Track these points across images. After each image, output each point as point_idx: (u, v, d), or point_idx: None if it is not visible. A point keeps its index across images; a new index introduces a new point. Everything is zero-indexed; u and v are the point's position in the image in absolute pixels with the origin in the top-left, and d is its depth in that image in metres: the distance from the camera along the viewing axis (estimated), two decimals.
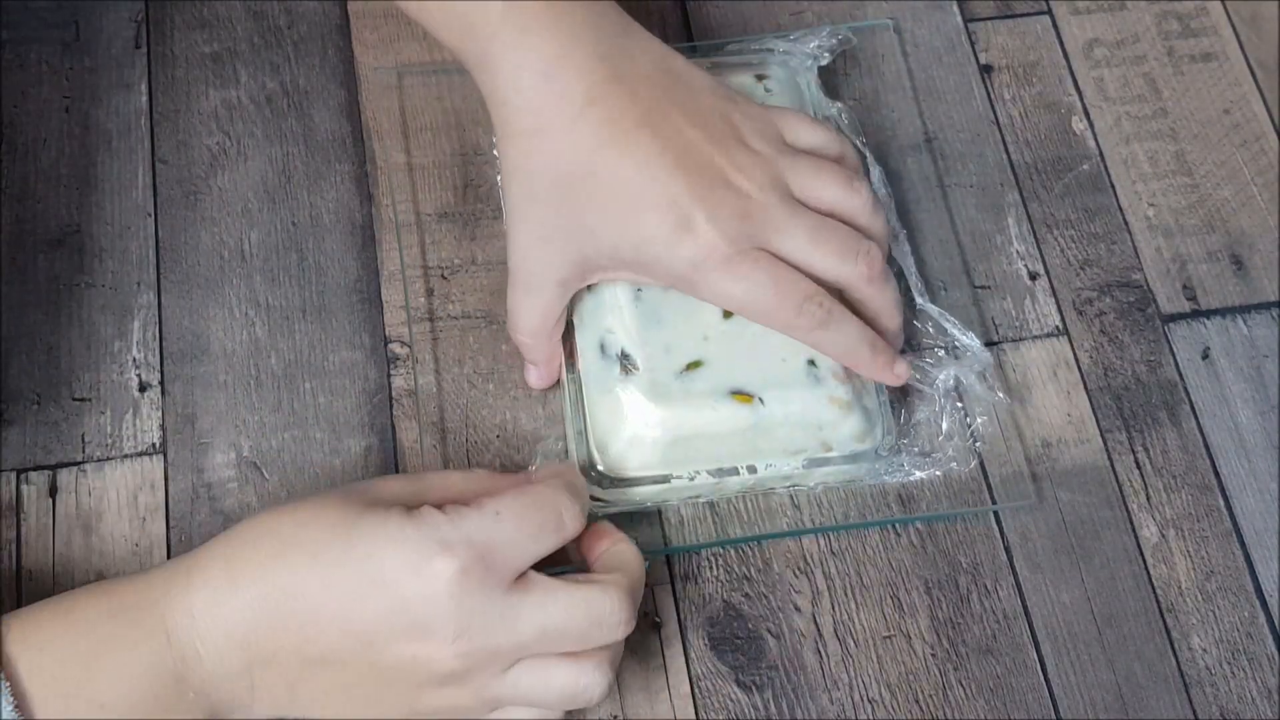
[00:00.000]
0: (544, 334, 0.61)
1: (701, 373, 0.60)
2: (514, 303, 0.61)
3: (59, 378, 0.63)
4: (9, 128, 0.68)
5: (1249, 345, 0.67)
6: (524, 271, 0.60)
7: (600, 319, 0.61)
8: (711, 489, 0.61)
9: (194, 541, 0.60)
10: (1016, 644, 0.60)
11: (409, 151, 0.69)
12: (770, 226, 0.58)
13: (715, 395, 0.59)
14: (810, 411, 0.60)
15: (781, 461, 0.60)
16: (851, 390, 0.60)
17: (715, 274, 0.58)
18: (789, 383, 0.60)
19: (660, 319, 0.60)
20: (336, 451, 0.62)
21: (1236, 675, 0.60)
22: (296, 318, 0.65)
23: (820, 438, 0.60)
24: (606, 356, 0.61)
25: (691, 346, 0.60)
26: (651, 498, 0.60)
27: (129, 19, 0.71)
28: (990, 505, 0.63)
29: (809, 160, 0.61)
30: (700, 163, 0.58)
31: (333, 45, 0.72)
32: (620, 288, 0.61)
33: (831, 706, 0.59)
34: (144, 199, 0.67)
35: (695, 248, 0.57)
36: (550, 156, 0.57)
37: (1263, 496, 0.64)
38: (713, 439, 0.59)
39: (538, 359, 0.63)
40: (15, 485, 0.61)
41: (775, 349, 0.60)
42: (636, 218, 0.57)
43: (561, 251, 0.59)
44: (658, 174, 0.57)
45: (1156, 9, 0.76)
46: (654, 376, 0.59)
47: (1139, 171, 0.71)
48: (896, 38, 0.74)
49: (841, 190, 0.61)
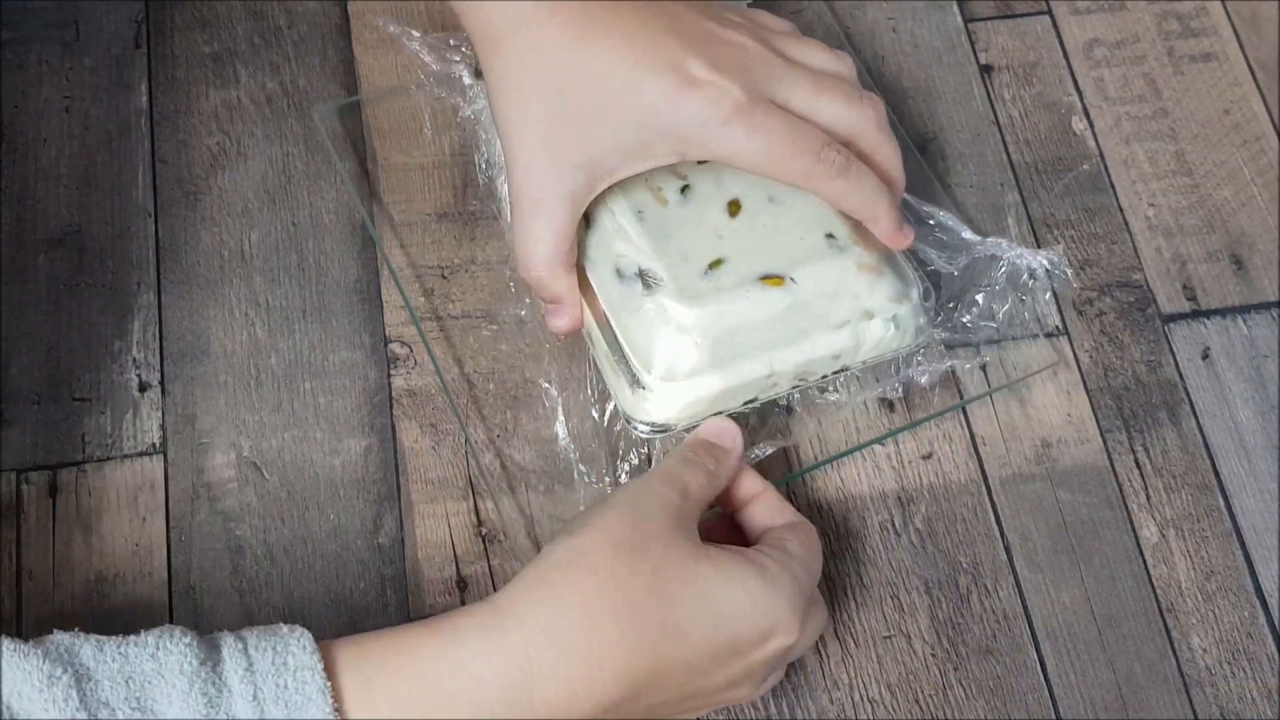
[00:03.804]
0: (559, 262, 0.59)
1: (725, 269, 0.59)
2: (522, 231, 0.58)
3: (59, 378, 0.63)
4: (9, 128, 0.68)
5: (1249, 345, 0.67)
6: (529, 191, 0.57)
7: (608, 248, 0.60)
8: (765, 384, 0.59)
9: (194, 541, 0.60)
10: (1016, 644, 0.60)
11: (409, 151, 0.69)
12: (772, 76, 0.57)
13: (746, 284, 0.59)
14: (842, 281, 0.59)
15: (826, 336, 0.59)
16: (877, 255, 0.60)
17: (730, 128, 0.56)
18: (814, 257, 0.59)
19: (668, 232, 0.60)
20: (336, 451, 0.62)
21: (1236, 675, 0.60)
22: (296, 318, 0.65)
23: (859, 306, 0.59)
24: (625, 279, 0.59)
25: (708, 247, 0.59)
26: (712, 405, 0.59)
27: (129, 19, 0.71)
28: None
29: (789, 34, 0.61)
30: (688, 26, 0.57)
31: (333, 45, 0.72)
32: (621, 215, 0.60)
33: (831, 706, 0.59)
34: (144, 199, 0.67)
35: (703, 102, 0.55)
36: (535, 55, 0.56)
37: (1263, 496, 0.64)
38: (755, 327, 0.58)
39: (558, 293, 0.59)
40: (15, 485, 0.61)
41: (791, 230, 0.60)
42: (636, 92, 0.55)
43: (566, 158, 0.57)
44: (647, 43, 0.55)
45: (1156, 9, 0.76)
46: (680, 282, 0.58)
47: (1139, 171, 0.71)
48: (896, 38, 0.74)
49: (826, 55, 0.60)
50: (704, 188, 0.61)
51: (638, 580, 0.50)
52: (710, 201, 0.61)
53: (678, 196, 0.61)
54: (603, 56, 0.55)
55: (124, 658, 0.46)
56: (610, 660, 0.49)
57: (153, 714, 0.45)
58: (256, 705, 0.45)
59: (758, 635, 0.51)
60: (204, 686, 0.45)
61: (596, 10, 0.56)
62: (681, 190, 0.61)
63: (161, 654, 0.46)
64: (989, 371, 0.65)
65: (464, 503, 0.62)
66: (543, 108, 0.56)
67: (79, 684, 0.44)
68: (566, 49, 0.55)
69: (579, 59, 0.55)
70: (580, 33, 0.55)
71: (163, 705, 0.45)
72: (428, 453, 0.63)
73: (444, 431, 0.63)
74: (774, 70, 0.57)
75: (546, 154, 0.57)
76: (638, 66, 0.55)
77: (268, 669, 0.46)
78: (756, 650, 0.51)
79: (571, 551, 0.50)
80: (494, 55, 0.57)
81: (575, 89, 0.56)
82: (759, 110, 0.56)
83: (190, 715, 0.45)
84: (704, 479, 0.55)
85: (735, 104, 0.55)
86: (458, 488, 0.62)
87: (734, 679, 0.52)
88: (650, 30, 0.56)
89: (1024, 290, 0.65)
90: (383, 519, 0.61)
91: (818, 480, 0.63)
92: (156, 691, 0.45)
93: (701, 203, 0.61)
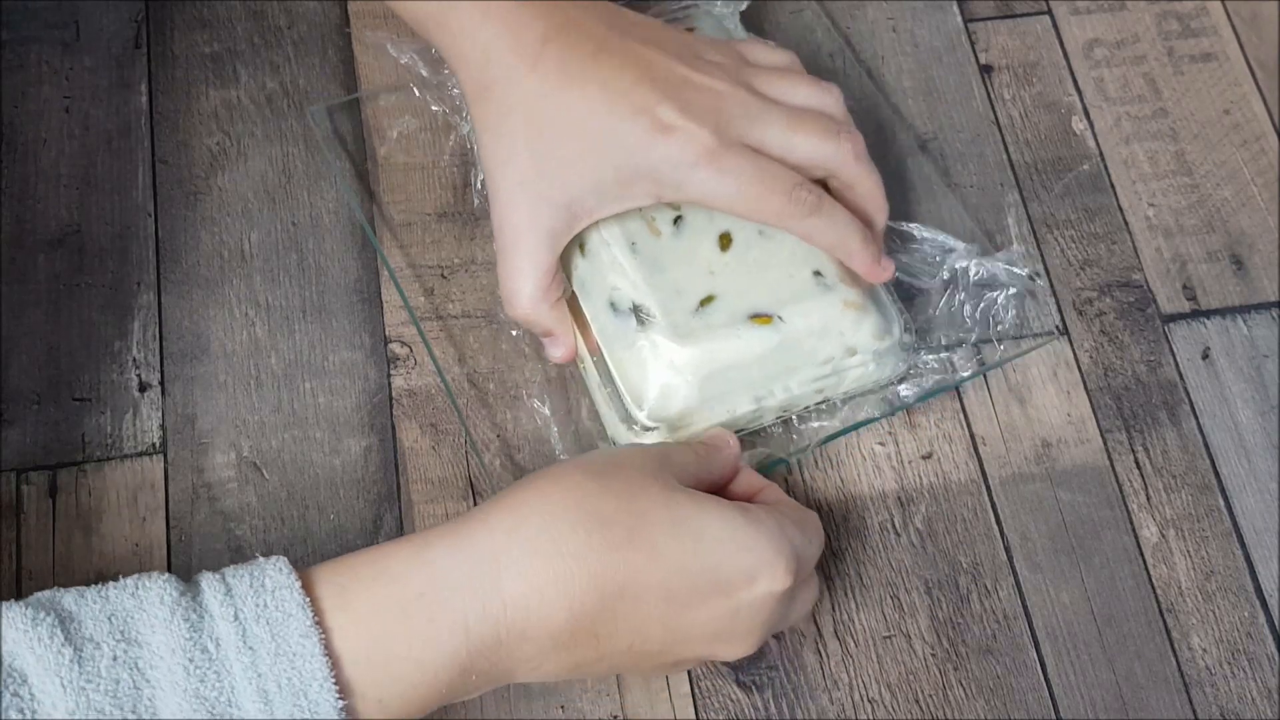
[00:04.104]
0: (544, 298, 0.60)
1: (716, 306, 0.60)
2: (506, 271, 0.60)
3: (59, 378, 0.63)
4: (9, 128, 0.68)
5: (1249, 345, 0.67)
6: (510, 229, 0.59)
7: (603, 280, 0.61)
8: (751, 418, 0.61)
9: (194, 541, 0.60)
10: (1016, 644, 0.60)
11: (409, 151, 0.69)
12: (745, 117, 0.58)
13: (736, 323, 0.59)
14: (829, 318, 0.60)
15: (812, 372, 0.60)
16: (861, 292, 0.61)
17: (701, 171, 0.57)
18: (801, 295, 0.60)
19: (662, 265, 0.60)
20: (336, 451, 0.62)
21: (1236, 675, 0.60)
22: (296, 318, 0.65)
23: (843, 343, 0.61)
24: (620, 313, 0.60)
25: (700, 283, 0.60)
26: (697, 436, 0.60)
27: (129, 19, 0.71)
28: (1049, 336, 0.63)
29: (773, 69, 0.61)
30: (663, 72, 0.58)
31: (333, 45, 0.72)
32: (615, 245, 0.60)
33: (831, 706, 0.59)
34: (144, 199, 0.67)
35: (674, 145, 0.57)
36: (519, 103, 0.58)
37: (1263, 496, 0.64)
38: (744, 365, 0.59)
39: (548, 328, 0.61)
40: (15, 485, 0.61)
41: (780, 267, 0.61)
42: (612, 136, 0.57)
43: (545, 198, 0.58)
44: (623, 89, 0.57)
45: (1156, 9, 0.76)
46: (672, 319, 0.59)
47: (1139, 171, 0.71)
48: (896, 38, 0.74)
49: (811, 89, 0.61)
50: (696, 220, 0.62)
51: (608, 496, 0.51)
52: (702, 234, 0.61)
53: (670, 228, 0.61)
54: (581, 103, 0.57)
55: (104, 599, 0.47)
56: (576, 562, 0.49)
57: (137, 643, 0.45)
58: (238, 625, 0.46)
59: (739, 573, 0.51)
60: (185, 613, 0.46)
61: (575, 62, 0.58)
62: (674, 221, 0.61)
63: (141, 591, 0.47)
64: (987, 374, 0.65)
65: (464, 503, 0.62)
66: (526, 151, 0.58)
67: (63, 625, 0.45)
68: (547, 97, 0.58)
69: (559, 106, 0.57)
70: (560, 82, 0.58)
71: (146, 634, 0.46)
72: (428, 453, 0.63)
73: (444, 431, 0.63)
74: (748, 111, 0.58)
75: (527, 193, 0.58)
76: (613, 113, 0.57)
77: (246, 591, 0.47)
78: (741, 591, 0.51)
79: (542, 475, 0.52)
80: (482, 104, 0.59)
81: (556, 133, 0.58)
82: (730, 153, 0.57)
83: (174, 640, 0.46)
84: (691, 456, 0.56)
85: (705, 148, 0.57)
86: (458, 488, 0.62)
87: (719, 623, 0.52)
88: (625, 78, 0.58)
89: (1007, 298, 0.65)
90: (383, 519, 0.61)
91: (817, 480, 0.63)
92: (139, 624, 0.46)
93: (694, 235, 0.61)
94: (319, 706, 0.46)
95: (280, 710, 0.45)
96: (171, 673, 0.45)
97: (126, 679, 0.45)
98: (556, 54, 0.58)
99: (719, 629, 0.52)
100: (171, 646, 0.45)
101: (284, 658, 0.46)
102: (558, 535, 0.49)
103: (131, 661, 0.45)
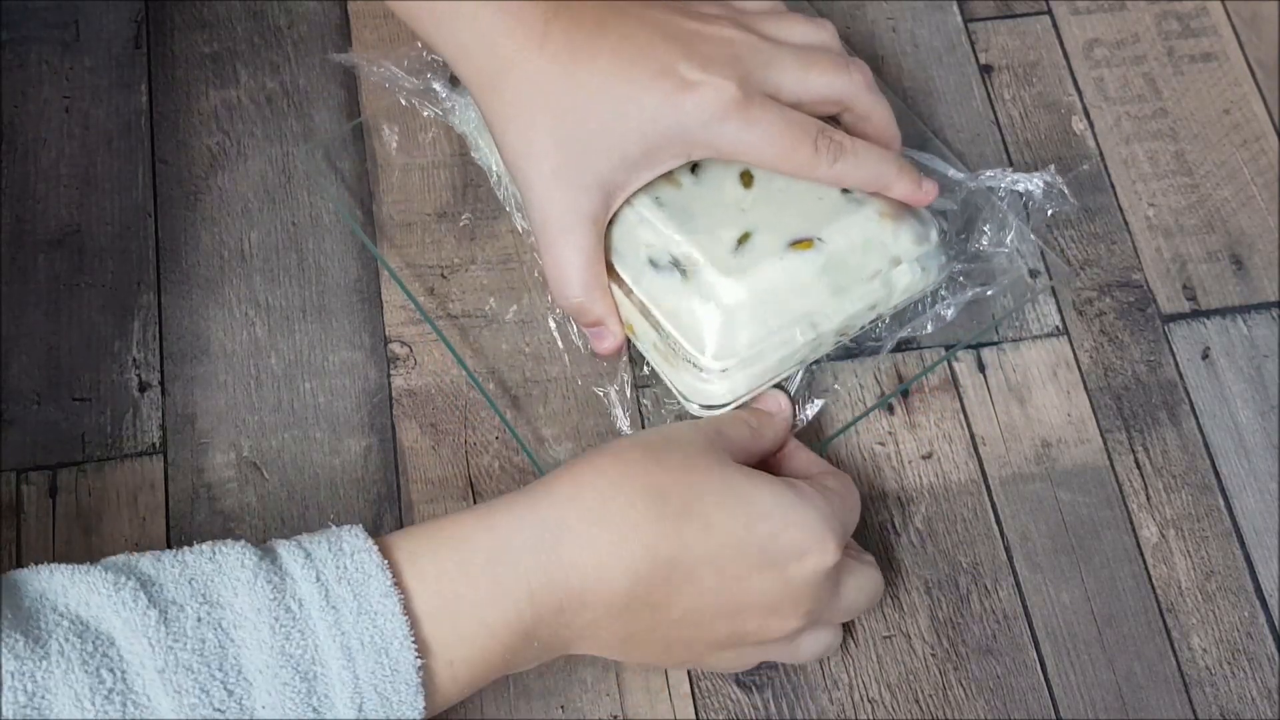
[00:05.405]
0: (596, 283, 0.60)
1: (754, 241, 0.60)
2: (552, 261, 0.60)
3: (59, 378, 0.63)
4: (9, 128, 0.68)
5: (1249, 345, 0.67)
6: (551, 220, 0.59)
7: (634, 240, 0.60)
8: (812, 346, 0.61)
9: (194, 541, 0.59)
10: (1016, 644, 0.60)
11: (409, 151, 0.69)
12: (760, 61, 0.58)
13: (778, 252, 0.60)
14: (867, 231, 0.61)
15: (862, 288, 0.61)
16: (892, 201, 0.61)
17: (731, 123, 0.57)
18: (836, 214, 0.61)
19: (691, 213, 0.60)
20: (336, 451, 0.62)
21: (1236, 675, 0.60)
22: (296, 318, 0.65)
23: (887, 254, 0.61)
24: (661, 269, 0.60)
25: (733, 222, 0.60)
26: (766, 375, 0.60)
27: (129, 19, 0.72)
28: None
29: (767, 12, 0.62)
30: (672, 29, 0.58)
31: (333, 45, 0.72)
32: (640, 205, 0.60)
33: (831, 706, 0.59)
34: (144, 199, 0.67)
35: (699, 102, 0.57)
36: (530, 89, 0.57)
37: (1263, 496, 0.64)
38: (796, 290, 0.59)
39: (598, 316, 0.61)
40: (15, 485, 0.61)
41: (808, 191, 0.61)
42: (633, 105, 0.57)
43: (579, 182, 0.58)
44: (635, 55, 0.57)
45: (1156, 9, 0.76)
46: (715, 261, 0.59)
47: (1139, 171, 0.71)
48: (896, 38, 0.74)
49: (807, 26, 0.61)
50: (713, 165, 0.62)
51: (662, 470, 0.52)
52: (723, 176, 0.61)
53: (690, 176, 0.61)
54: (595, 78, 0.57)
55: (182, 564, 0.48)
56: (634, 531, 0.51)
57: (219, 605, 0.47)
58: (320, 586, 0.48)
59: (789, 546, 0.52)
60: (268, 576, 0.47)
61: (581, 35, 0.57)
62: (692, 170, 0.61)
63: (219, 556, 0.48)
64: (987, 372, 0.65)
65: (464, 503, 0.62)
66: (548, 138, 0.57)
67: (144, 588, 0.46)
68: (559, 78, 0.57)
69: (573, 85, 0.57)
70: (570, 60, 0.57)
71: (228, 596, 0.47)
72: (427, 453, 0.63)
73: (444, 431, 0.63)
74: (761, 55, 0.58)
75: (559, 182, 0.58)
76: (631, 80, 0.57)
77: (325, 555, 0.49)
78: (792, 565, 0.52)
79: (600, 451, 0.54)
80: (492, 97, 0.58)
81: (574, 114, 0.57)
82: (754, 104, 0.57)
83: (258, 601, 0.47)
84: (744, 430, 0.57)
85: (732, 98, 0.57)
86: (457, 488, 0.62)
87: (771, 596, 0.52)
88: (636, 42, 0.57)
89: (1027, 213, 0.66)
90: (383, 519, 0.61)
91: None
92: (221, 587, 0.47)
93: (715, 179, 0.61)
94: (399, 663, 0.47)
95: (363, 667, 0.47)
96: (257, 631, 0.46)
97: (212, 638, 0.46)
98: (562, 30, 0.57)
99: (771, 602, 0.53)
100: (256, 607, 0.47)
101: (366, 616, 0.47)
102: (615, 507, 0.51)
103: (215, 622, 0.46)
